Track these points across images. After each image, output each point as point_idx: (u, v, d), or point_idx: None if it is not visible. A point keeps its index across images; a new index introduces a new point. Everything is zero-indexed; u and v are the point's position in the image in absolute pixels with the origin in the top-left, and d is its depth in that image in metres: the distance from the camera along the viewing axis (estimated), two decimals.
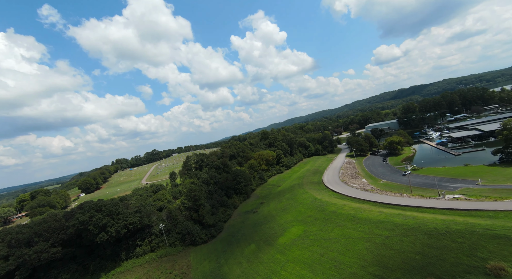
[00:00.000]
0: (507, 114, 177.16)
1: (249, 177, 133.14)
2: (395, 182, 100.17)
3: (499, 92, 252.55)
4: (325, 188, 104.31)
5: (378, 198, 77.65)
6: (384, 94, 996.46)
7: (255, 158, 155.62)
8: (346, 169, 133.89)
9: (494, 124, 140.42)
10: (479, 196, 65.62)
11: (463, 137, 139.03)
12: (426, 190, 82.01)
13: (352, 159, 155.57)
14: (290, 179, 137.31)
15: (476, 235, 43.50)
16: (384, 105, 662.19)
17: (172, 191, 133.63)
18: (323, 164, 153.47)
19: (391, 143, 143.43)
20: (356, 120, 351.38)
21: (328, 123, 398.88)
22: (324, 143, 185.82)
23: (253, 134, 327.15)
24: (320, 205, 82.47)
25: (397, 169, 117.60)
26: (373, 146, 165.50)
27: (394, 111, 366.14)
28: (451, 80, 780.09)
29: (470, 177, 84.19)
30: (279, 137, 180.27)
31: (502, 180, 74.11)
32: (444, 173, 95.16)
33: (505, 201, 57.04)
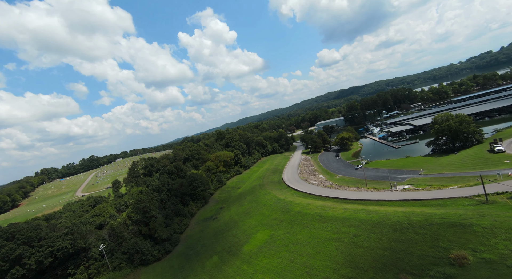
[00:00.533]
0: (428, 111, 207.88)
1: (207, 180, 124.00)
2: (350, 176, 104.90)
3: (420, 92, 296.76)
4: (287, 187, 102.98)
5: (339, 194, 78.92)
6: (328, 94, 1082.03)
7: (212, 160, 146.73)
8: (303, 166, 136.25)
9: (422, 119, 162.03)
10: (424, 185, 71.75)
11: (399, 131, 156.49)
12: (379, 183, 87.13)
13: (308, 155, 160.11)
14: (250, 179, 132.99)
15: (435, 225, 45.42)
16: (329, 104, 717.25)
17: (115, 203, 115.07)
18: (281, 162, 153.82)
19: (342, 139, 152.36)
20: (307, 119, 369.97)
21: (281, 122, 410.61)
22: (281, 141, 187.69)
23: (207, 135, 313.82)
24: (284, 205, 79.79)
25: (350, 164, 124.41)
26: (326, 142, 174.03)
27: (339, 109, 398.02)
28: (381, 82, 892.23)
29: (413, 167, 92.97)
30: (236, 137, 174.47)
31: (438, 168, 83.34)
32: (391, 165, 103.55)
33: (447, 188, 62.95)
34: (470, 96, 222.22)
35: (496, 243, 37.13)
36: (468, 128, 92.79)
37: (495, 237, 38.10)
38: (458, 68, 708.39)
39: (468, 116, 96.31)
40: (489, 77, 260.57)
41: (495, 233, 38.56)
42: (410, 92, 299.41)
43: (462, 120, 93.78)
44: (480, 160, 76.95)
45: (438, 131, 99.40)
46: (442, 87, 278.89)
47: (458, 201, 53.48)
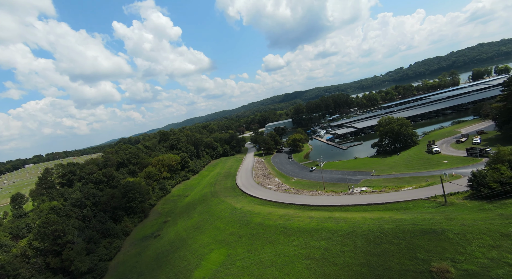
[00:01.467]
0: (364, 115, 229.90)
1: (147, 189, 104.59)
2: (306, 178, 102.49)
3: (356, 99, 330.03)
4: (242, 193, 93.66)
5: (300, 200, 73.77)
6: (274, 97, 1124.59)
7: (154, 164, 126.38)
8: (257, 169, 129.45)
9: (363, 122, 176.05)
10: (379, 186, 72.53)
11: (344, 133, 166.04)
12: (336, 185, 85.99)
13: (261, 158, 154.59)
14: (199, 186, 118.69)
15: (407, 233, 42.83)
16: (275, 107, 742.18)
17: (11, 227, 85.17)
18: (233, 165, 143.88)
19: (294, 140, 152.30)
20: (257, 120, 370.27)
21: (230, 123, 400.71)
22: (232, 142, 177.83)
23: (148, 136, 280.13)
24: (242, 216, 70.10)
25: (304, 166, 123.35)
26: (278, 143, 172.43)
27: (286, 112, 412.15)
28: (320, 88, 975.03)
29: (363, 168, 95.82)
30: (182, 138, 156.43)
31: (387, 169, 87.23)
32: (343, 167, 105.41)
33: (403, 190, 63.96)
34: (395, 103, 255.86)
35: (472, 251, 35.51)
36: (407, 131, 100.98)
37: (469, 243, 36.66)
38: (380, 80, 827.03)
39: (407, 120, 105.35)
40: (407, 88, 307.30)
41: (469, 240, 37.24)
42: (348, 98, 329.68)
43: (402, 123, 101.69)
44: (422, 160, 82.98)
45: (382, 133, 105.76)
46: (372, 95, 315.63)
47: (419, 203, 53.39)
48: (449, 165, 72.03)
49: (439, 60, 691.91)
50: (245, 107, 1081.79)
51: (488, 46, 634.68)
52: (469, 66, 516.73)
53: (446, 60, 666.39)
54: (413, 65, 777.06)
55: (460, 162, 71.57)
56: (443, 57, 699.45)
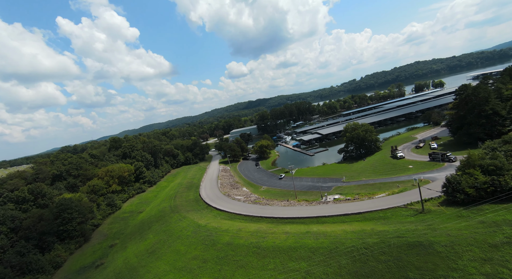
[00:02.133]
0: (326, 122, 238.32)
1: (89, 206, 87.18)
2: (276, 187, 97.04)
3: (317, 106, 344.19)
4: (207, 206, 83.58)
5: (273, 212, 67.25)
6: (238, 104, 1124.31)
7: (101, 176, 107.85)
8: (223, 177, 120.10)
9: (327, 129, 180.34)
10: (352, 193, 70.34)
11: (310, 140, 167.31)
12: (307, 193, 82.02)
13: (226, 165, 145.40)
14: (157, 199, 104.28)
15: (394, 248, 39.12)
16: (239, 113, 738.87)
17: None
18: (197, 174, 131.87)
19: (261, 147, 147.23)
20: (221, 126, 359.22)
21: (193, 130, 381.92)
22: (195, 149, 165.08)
23: (97, 143, 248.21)
24: (207, 235, 60.44)
25: (272, 173, 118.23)
26: (244, 150, 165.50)
27: (251, 118, 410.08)
28: (282, 96, 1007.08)
29: (333, 175, 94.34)
30: (138, 146, 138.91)
31: (356, 175, 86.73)
32: (312, 173, 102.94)
33: (376, 197, 62.18)
34: (353, 111, 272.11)
35: (465, 266, 32.69)
36: (371, 137, 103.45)
37: (460, 257, 33.96)
38: (336, 90, 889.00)
39: (371, 126, 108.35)
40: (362, 98, 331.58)
41: (458, 253, 34.62)
42: (310, 106, 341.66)
43: (367, 129, 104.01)
44: (389, 166, 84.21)
45: (349, 139, 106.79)
46: (332, 103, 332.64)
47: (396, 212, 51.17)
48: (415, 170, 73.50)
49: (385, 74, 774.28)
50: (209, 114, 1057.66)
51: (423, 64, 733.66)
52: (409, 80, 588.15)
53: (391, 74, 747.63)
54: (364, 78, 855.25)
55: (424, 166, 73.58)
56: (389, 72, 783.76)
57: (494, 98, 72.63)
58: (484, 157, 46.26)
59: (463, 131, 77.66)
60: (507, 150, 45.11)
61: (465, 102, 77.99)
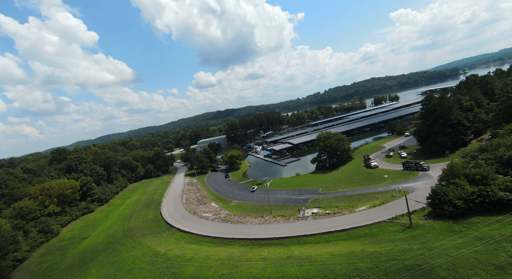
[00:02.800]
0: (295, 132, 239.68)
1: (12, 236, 68.54)
2: (248, 201, 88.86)
3: (286, 116, 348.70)
4: (169, 227, 71.58)
5: (246, 231, 58.79)
6: (206, 114, 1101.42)
7: (34, 195, 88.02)
8: (189, 192, 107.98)
9: (298, 138, 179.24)
10: (331, 207, 65.60)
11: (281, 149, 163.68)
12: (283, 207, 75.46)
13: (193, 178, 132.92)
14: (107, 221, 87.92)
15: (390, 274, 33.72)
16: (208, 123, 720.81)
17: None
18: (158, 189, 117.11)
19: (232, 157, 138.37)
20: (188, 136, 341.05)
21: (157, 140, 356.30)
22: (158, 161, 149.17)
23: (38, 156, 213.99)
24: (167, 267, 49.21)
25: (243, 185, 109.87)
26: (213, 161, 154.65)
27: (220, 128, 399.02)
28: (251, 107, 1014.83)
29: (308, 186, 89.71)
30: (87, 158, 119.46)
31: (332, 186, 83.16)
32: (286, 185, 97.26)
33: (357, 210, 58.01)
34: (320, 122, 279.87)
35: None
36: (344, 146, 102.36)
37: None
38: (302, 102, 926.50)
39: (343, 135, 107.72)
40: (328, 109, 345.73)
41: (463, 277, 30.29)
42: (279, 116, 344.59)
43: (339, 138, 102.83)
44: (364, 176, 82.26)
45: (322, 148, 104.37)
46: (300, 114, 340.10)
47: (383, 227, 46.88)
48: (390, 180, 72.02)
49: (346, 88, 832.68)
50: (175, 124, 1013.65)
51: (378, 80, 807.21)
52: (367, 94, 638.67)
53: (351, 88, 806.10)
54: (327, 91, 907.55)
55: (399, 176, 72.58)
56: (349, 86, 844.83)
57: (457, 109, 76.07)
58: (466, 166, 44.68)
59: (431, 140, 79.66)
60: (487, 158, 44.27)
61: (431, 112, 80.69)
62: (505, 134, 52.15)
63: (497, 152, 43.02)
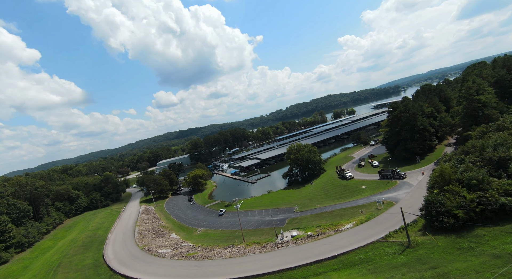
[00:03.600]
0: (262, 147, 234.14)
1: None
2: (215, 227, 76.13)
3: (252, 132, 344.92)
4: (112, 274, 54.94)
5: (214, 270, 46.69)
6: (167, 134, 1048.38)
7: None
8: (144, 222, 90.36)
9: (266, 153, 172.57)
10: (312, 227, 57.49)
11: (249, 166, 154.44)
12: (257, 232, 64.85)
13: (150, 205, 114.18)
14: (25, 275, 65.66)
15: None
16: (169, 143, 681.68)
17: None
18: (104, 222, 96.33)
19: (195, 177, 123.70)
20: (146, 158, 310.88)
21: (110, 163, 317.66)
22: (106, 188, 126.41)
23: None
24: None
25: (210, 209, 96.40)
26: (174, 183, 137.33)
27: (183, 147, 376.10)
28: (215, 125, 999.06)
29: (282, 204, 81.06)
30: (6, 191, 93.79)
31: (309, 202, 75.85)
32: (258, 204, 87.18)
33: (342, 228, 50.80)
34: (286, 136, 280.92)
35: None
36: (316, 157, 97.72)
37: None
38: (266, 119, 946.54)
39: (314, 146, 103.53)
40: (292, 124, 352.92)
41: None
42: (245, 132, 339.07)
43: (310, 150, 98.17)
44: (340, 188, 76.98)
45: (293, 161, 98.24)
46: (266, 129, 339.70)
47: (378, 249, 39.79)
48: (370, 191, 67.49)
49: (306, 105, 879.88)
50: (133, 145, 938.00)
51: (334, 97, 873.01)
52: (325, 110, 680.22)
53: (310, 105, 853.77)
54: (289, 108, 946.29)
55: (378, 186, 68.61)
56: (308, 103, 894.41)
57: (421, 115, 77.43)
58: (456, 170, 40.98)
59: (401, 147, 79.09)
60: (474, 160, 41.43)
61: (397, 119, 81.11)
62: (478, 136, 51.49)
63: (485, 153, 40.46)
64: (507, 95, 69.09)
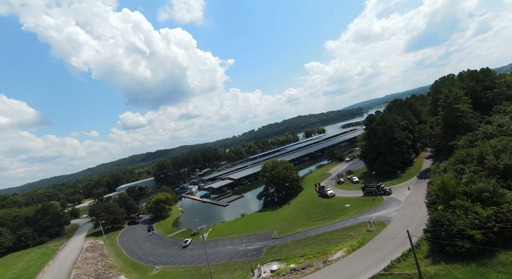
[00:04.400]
0: (234, 167, 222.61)
1: None
2: (177, 264, 61.87)
3: (224, 152, 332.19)
4: None
5: None
6: (133, 156, 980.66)
7: None
8: (86, 263, 71.64)
9: (239, 173, 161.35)
10: (295, 258, 47.61)
11: (221, 187, 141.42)
12: (228, 267, 52.76)
13: (98, 238, 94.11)
14: None
15: None
16: (134, 166, 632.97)
17: None
18: (31, 267, 74.70)
19: (158, 202, 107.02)
20: (104, 183, 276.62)
21: (59, 191, 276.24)
22: (42, 221, 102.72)
23: None
24: None
25: (172, 239, 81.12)
26: (132, 210, 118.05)
27: (148, 170, 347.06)
28: (186, 146, 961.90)
29: (258, 229, 70.13)
30: None
31: (287, 225, 66.24)
32: (230, 231, 74.99)
33: (332, 258, 41.91)
34: (259, 155, 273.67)
35: None
36: (293, 175, 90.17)
37: None
38: (238, 139, 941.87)
39: (290, 163, 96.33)
40: (265, 143, 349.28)
41: None
42: (217, 152, 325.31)
43: (287, 166, 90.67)
44: (322, 208, 69.12)
45: (269, 179, 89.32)
46: (239, 149, 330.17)
47: None
48: (355, 210, 60.42)
49: (277, 125, 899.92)
50: (93, 170, 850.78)
51: (304, 118, 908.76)
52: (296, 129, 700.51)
53: (281, 125, 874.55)
54: (261, 128, 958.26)
55: (363, 203, 62.06)
56: (280, 123, 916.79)
57: (397, 128, 75.55)
58: (458, 182, 35.57)
59: (381, 160, 75.34)
60: (475, 169, 36.69)
61: (375, 131, 78.34)
62: (465, 145, 48.40)
63: (487, 161, 36.03)
64: (478, 107, 70.56)
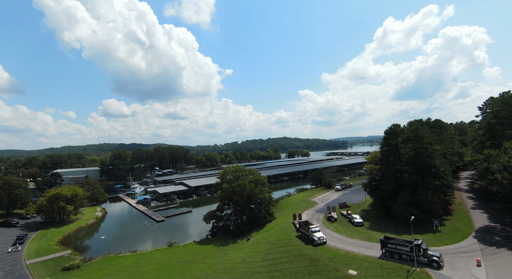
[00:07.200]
0: (202, 172, 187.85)
1: None
2: None
3: (196, 156, 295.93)
4: None
5: None
6: (104, 145, 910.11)
7: None
8: None
9: (198, 180, 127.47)
10: None
11: (168, 193, 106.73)
12: None
13: None
14: None
15: None
16: (98, 154, 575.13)
17: None
18: None
19: (56, 199, 70.56)
20: (39, 163, 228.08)
21: None
22: None
23: None
24: None
25: (32, 267, 45.44)
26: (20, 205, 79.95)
27: (103, 159, 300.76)
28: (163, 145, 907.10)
29: None
30: None
31: None
32: (136, 276, 41.19)
33: None
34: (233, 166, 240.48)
35: None
36: (263, 194, 59.28)
37: None
38: (220, 148, 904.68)
39: (263, 176, 65.73)
40: (243, 154, 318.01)
41: None
42: (187, 154, 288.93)
43: (257, 179, 59.92)
44: (302, 264, 37.36)
45: (226, 194, 57.69)
46: (213, 155, 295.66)
47: None
48: None
49: (262, 142, 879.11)
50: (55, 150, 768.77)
51: (289, 140, 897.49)
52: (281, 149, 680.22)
53: (266, 142, 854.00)
54: (245, 142, 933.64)
55: (386, 276, 31.57)
56: (264, 140, 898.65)
57: (436, 152, 48.50)
58: None
59: (405, 198, 46.22)
60: None
61: (398, 151, 50.77)
62: None
63: None
64: None
